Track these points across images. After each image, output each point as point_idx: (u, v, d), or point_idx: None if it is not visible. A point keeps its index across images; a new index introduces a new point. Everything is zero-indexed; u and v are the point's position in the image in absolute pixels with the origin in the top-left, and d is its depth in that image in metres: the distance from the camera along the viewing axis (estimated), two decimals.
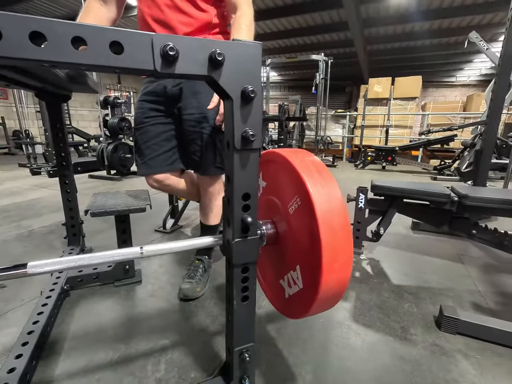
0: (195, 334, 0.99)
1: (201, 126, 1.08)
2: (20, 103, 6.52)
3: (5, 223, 2.08)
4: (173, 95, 1.09)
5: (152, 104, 1.12)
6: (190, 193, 1.33)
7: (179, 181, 1.24)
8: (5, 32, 0.37)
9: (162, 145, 1.16)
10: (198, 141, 1.10)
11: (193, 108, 1.10)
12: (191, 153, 1.14)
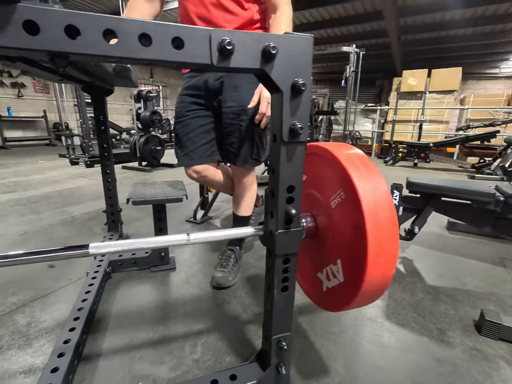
0: (228, 321, 1.03)
1: (239, 119, 1.10)
2: (61, 97, 6.92)
3: (51, 209, 2.25)
4: (214, 88, 1.11)
5: (193, 98, 1.15)
6: (225, 185, 1.36)
7: (216, 173, 1.28)
8: (82, 30, 0.40)
9: (202, 137, 1.20)
10: (236, 133, 1.13)
11: (233, 101, 1.12)
12: (228, 145, 1.17)
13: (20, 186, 2.99)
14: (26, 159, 5.01)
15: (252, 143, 1.15)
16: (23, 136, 7.29)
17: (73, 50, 0.40)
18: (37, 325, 0.98)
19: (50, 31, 0.39)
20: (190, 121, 1.16)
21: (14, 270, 1.31)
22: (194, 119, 1.16)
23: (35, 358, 0.85)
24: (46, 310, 1.06)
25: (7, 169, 4.03)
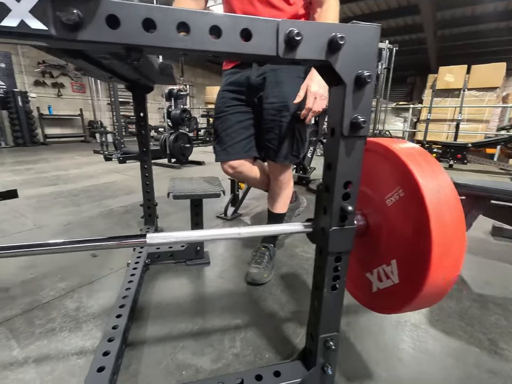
0: (265, 317, 1.03)
1: (280, 115, 1.10)
2: (96, 96, 7.28)
3: (89, 202, 2.37)
4: (256, 84, 1.11)
5: (234, 94, 1.16)
6: (260, 181, 1.36)
7: (251, 169, 1.28)
8: (158, 23, 0.41)
9: (241, 133, 1.20)
10: (276, 129, 1.12)
11: (275, 97, 1.11)
12: (268, 141, 1.16)
13: (61, 179, 3.18)
14: (65, 155, 5.32)
15: (292, 139, 1.14)
16: (61, 133, 7.76)
17: (149, 43, 0.41)
18: (84, 310, 1.04)
19: (130, 24, 0.40)
20: (230, 117, 1.17)
21: (60, 257, 1.39)
22: (233, 114, 1.17)
23: (85, 341, 0.90)
24: (92, 296, 1.12)
25: (49, 163, 4.31)
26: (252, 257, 1.34)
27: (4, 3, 0.35)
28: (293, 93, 1.09)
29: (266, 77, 1.10)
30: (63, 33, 0.38)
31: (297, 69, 1.12)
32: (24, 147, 6.60)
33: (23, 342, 0.89)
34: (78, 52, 0.73)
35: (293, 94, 1.09)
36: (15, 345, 0.88)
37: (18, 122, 6.59)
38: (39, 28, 0.37)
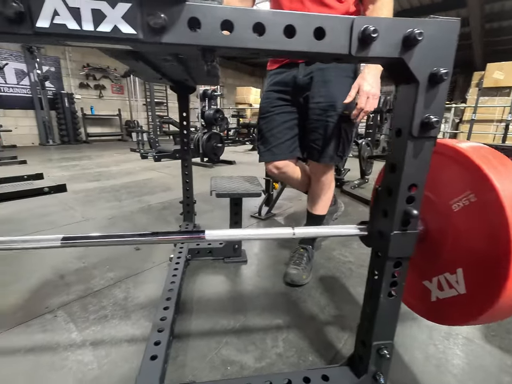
0: (306, 319, 1.01)
1: (327, 115, 1.08)
2: (133, 98, 7.66)
3: (130, 197, 2.49)
4: (302, 84, 1.10)
5: (279, 94, 1.16)
6: (301, 182, 1.35)
7: (295, 169, 1.27)
8: (236, 24, 0.41)
9: (286, 133, 1.20)
10: (321, 129, 1.11)
11: (321, 97, 1.10)
12: (312, 142, 1.15)
13: (103, 176, 3.38)
14: (105, 152, 5.65)
15: (338, 139, 1.11)
16: (101, 132, 8.25)
17: (226, 44, 0.42)
18: (132, 300, 1.09)
19: (209, 26, 0.41)
20: (275, 117, 1.17)
21: (107, 249, 1.47)
22: (279, 115, 1.17)
23: (135, 329, 0.94)
24: (138, 288, 1.17)
25: (91, 160, 4.60)
26: (289, 258, 1.33)
27: (100, 10, 0.38)
28: (340, 92, 1.07)
29: (313, 76, 1.08)
30: (149, 37, 0.40)
31: (346, 68, 1.10)
32: (68, 145, 7.11)
33: (80, 326, 0.95)
34: (139, 55, 0.77)
35: (340, 93, 1.07)
36: (73, 328, 0.94)
37: (64, 122, 7.11)
38: (129, 32, 0.39)
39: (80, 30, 0.38)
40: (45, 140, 6.87)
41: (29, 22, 0.38)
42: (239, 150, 6.49)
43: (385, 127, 5.74)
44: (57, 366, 0.80)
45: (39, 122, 6.80)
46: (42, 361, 0.82)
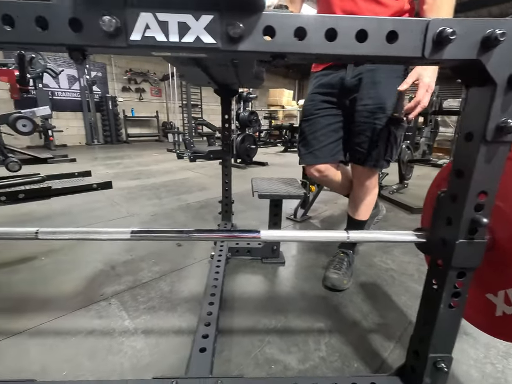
0: (348, 325, 1.00)
1: (374, 117, 1.06)
2: (170, 100, 8.00)
3: (169, 196, 2.61)
4: (350, 86, 1.09)
5: (325, 96, 1.15)
6: (342, 186, 1.33)
7: (336, 173, 1.26)
8: (308, 31, 0.43)
9: (329, 136, 1.19)
10: (368, 132, 1.08)
11: (370, 99, 1.08)
12: (357, 145, 1.13)
13: (143, 174, 3.57)
14: (143, 152, 5.96)
15: (386, 143, 1.08)
16: (140, 133, 8.71)
17: (299, 50, 0.43)
18: (177, 293, 1.15)
19: (283, 34, 0.43)
20: (319, 120, 1.17)
21: (152, 244, 1.55)
22: (324, 117, 1.16)
23: (181, 321, 0.99)
24: (182, 282, 1.23)
25: (132, 159, 4.88)
26: (329, 262, 1.31)
27: (185, 22, 0.41)
28: (390, 94, 1.04)
29: (362, 77, 1.06)
30: (226, 45, 0.43)
31: (397, 69, 1.06)
32: (111, 145, 7.60)
33: (131, 315, 1.02)
34: (199, 61, 0.81)
35: (390, 95, 1.04)
36: (125, 316, 1.01)
37: (108, 123, 7.61)
38: (210, 42, 0.42)
39: (166, 41, 0.42)
40: (90, 139, 7.41)
41: (124, 36, 0.42)
42: (270, 151, 6.52)
43: (426, 130, 5.44)
44: (114, 349, 0.87)
45: (86, 124, 7.35)
46: (101, 344, 0.89)
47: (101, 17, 0.40)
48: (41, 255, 1.43)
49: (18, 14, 0.41)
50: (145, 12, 0.41)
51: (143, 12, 0.41)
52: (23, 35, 0.42)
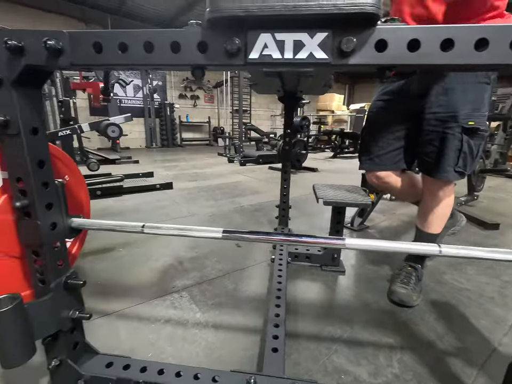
0: (421, 344, 0.94)
1: (444, 126, 1.00)
2: (221, 106, 8.36)
3: (224, 198, 2.72)
4: (418, 93, 1.05)
5: (389, 103, 1.13)
6: (406, 193, 1.29)
7: (397, 180, 1.23)
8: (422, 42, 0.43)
9: (391, 144, 1.17)
10: (437, 141, 1.03)
11: (440, 107, 1.02)
12: (425, 155, 1.08)
13: (199, 176, 3.78)
14: (197, 156, 6.31)
15: (457, 153, 1.01)
16: (193, 137, 9.25)
17: (413, 62, 0.44)
18: (241, 292, 1.20)
19: (395, 46, 0.43)
20: (381, 127, 1.15)
21: (213, 243, 1.64)
22: (386, 124, 1.14)
23: (247, 320, 1.03)
24: (244, 282, 1.28)
25: (187, 162, 5.20)
26: (395, 275, 1.25)
27: (301, 40, 0.44)
28: (464, 101, 0.97)
29: (431, 84, 1.01)
30: (337, 60, 0.45)
31: (478, 74, 0.98)
32: (167, 148, 8.18)
33: (201, 308, 1.09)
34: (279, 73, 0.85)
35: (464, 102, 0.97)
36: (196, 309, 1.09)
37: (165, 128, 8.23)
38: (321, 57, 0.45)
39: (281, 58, 0.45)
40: (149, 143, 8.07)
41: (243, 55, 0.46)
42: (319, 157, 6.41)
43: (499, 136, 4.87)
44: (189, 339, 0.94)
45: (147, 128, 8.03)
46: (178, 332, 0.97)
47: (226, 40, 0.45)
48: (119, 246, 1.61)
49: (156, 40, 0.48)
50: (265, 33, 0.45)
51: (263, 33, 0.45)
52: (159, 58, 0.49)
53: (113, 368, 0.73)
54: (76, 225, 0.70)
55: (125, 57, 0.49)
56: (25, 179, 0.58)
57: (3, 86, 0.52)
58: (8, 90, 0.53)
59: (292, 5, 0.41)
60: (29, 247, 0.63)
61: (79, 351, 0.74)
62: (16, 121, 0.54)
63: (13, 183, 0.59)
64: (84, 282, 0.70)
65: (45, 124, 0.62)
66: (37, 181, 0.59)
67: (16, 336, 0.57)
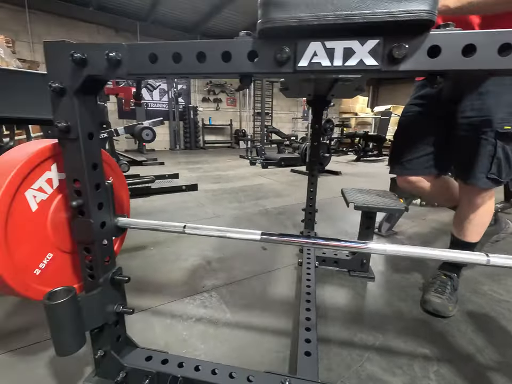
0: (460, 357, 0.90)
1: (478, 131, 0.96)
2: (243, 109, 8.45)
3: (248, 200, 2.75)
4: (451, 97, 1.02)
5: (422, 108, 1.11)
6: (440, 198, 1.25)
7: (429, 185, 1.20)
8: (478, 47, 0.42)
9: (422, 149, 1.15)
10: (469, 147, 1.00)
11: (473, 111, 0.98)
12: (457, 160, 1.05)
13: (222, 178, 3.84)
14: (219, 158, 6.41)
15: (490, 159, 0.97)
16: (215, 139, 9.41)
17: (468, 67, 0.43)
18: (269, 295, 1.21)
19: (449, 52, 0.43)
20: (414, 131, 1.13)
21: (238, 244, 1.66)
22: (418, 129, 1.12)
23: (277, 323, 1.04)
24: (272, 284, 1.28)
25: (210, 164, 5.29)
26: (428, 284, 1.21)
27: (351, 48, 0.45)
28: (500, 104, 0.93)
29: (465, 88, 0.97)
30: (387, 66, 0.45)
31: None
32: (190, 150, 8.38)
33: (231, 309, 1.11)
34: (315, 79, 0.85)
35: (499, 105, 0.93)
36: (226, 309, 1.11)
37: (188, 130, 8.43)
38: (371, 64, 0.45)
39: (330, 66, 0.46)
40: (173, 145, 8.30)
41: (292, 63, 0.48)
42: (342, 160, 6.31)
43: None
44: (220, 338, 0.96)
45: (171, 131, 8.27)
46: (209, 331, 0.99)
47: (275, 49, 0.47)
48: (150, 245, 1.67)
49: (208, 50, 0.50)
50: (315, 41, 0.46)
51: (313, 41, 0.46)
52: (210, 67, 0.51)
53: (152, 362, 0.76)
54: (122, 224, 0.74)
55: (178, 67, 0.52)
56: (81, 180, 0.63)
57: (66, 94, 0.57)
58: (70, 98, 0.57)
59: (345, 14, 0.42)
60: (81, 244, 0.68)
61: (121, 343, 0.78)
62: (76, 127, 0.59)
63: (70, 184, 0.64)
64: (128, 279, 0.74)
65: (98, 129, 0.66)
66: (91, 182, 0.64)
67: (71, 326, 0.61)
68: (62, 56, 0.55)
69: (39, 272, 0.70)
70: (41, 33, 6.54)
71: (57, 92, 0.56)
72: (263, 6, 0.45)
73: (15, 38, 5.56)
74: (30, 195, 0.66)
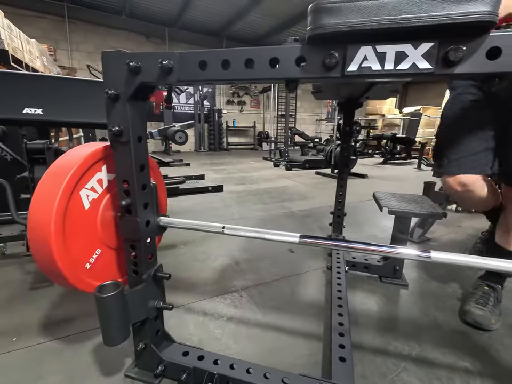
0: (505, 372, 0.85)
1: None
2: (267, 111, 8.48)
3: (272, 202, 2.75)
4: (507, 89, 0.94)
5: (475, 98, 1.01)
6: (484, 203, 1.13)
7: (483, 187, 1.06)
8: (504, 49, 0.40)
9: (479, 144, 1.02)
10: None
11: None
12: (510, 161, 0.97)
13: (246, 180, 3.87)
14: (243, 160, 6.47)
15: None
16: (238, 141, 9.50)
17: None
18: (298, 298, 1.20)
19: (510, 54, 0.41)
20: (467, 125, 1.02)
21: (265, 246, 1.67)
22: (473, 122, 1.01)
23: (307, 326, 1.03)
24: (301, 287, 1.28)
25: (234, 166, 5.36)
26: (468, 294, 1.15)
27: (403, 51, 0.45)
28: None
29: None
30: (441, 69, 0.44)
31: None
32: (214, 152, 8.52)
33: (261, 310, 1.12)
34: None
35: None
36: (256, 309, 1.12)
37: (213, 132, 8.58)
38: (425, 68, 0.44)
39: (381, 70, 0.46)
40: (198, 147, 8.49)
41: (340, 68, 0.48)
42: (367, 163, 6.14)
43: None
44: (252, 338, 0.97)
45: (196, 133, 8.46)
46: (241, 331, 1.01)
47: (324, 54, 0.47)
48: (180, 244, 1.72)
49: (256, 56, 0.52)
50: (365, 46, 0.46)
51: (364, 46, 0.46)
52: (257, 73, 0.52)
53: (189, 357, 0.79)
54: (164, 223, 0.77)
55: (227, 73, 0.54)
56: (130, 181, 0.67)
57: (120, 100, 0.61)
58: (124, 104, 0.61)
59: (400, 18, 0.42)
60: (127, 241, 0.72)
61: (160, 338, 0.81)
62: (127, 131, 0.63)
63: (120, 184, 0.68)
64: (169, 276, 0.77)
65: (146, 133, 0.70)
66: (138, 183, 0.67)
67: (118, 319, 0.65)
68: (118, 65, 0.59)
69: (89, 266, 0.74)
70: (78, 41, 6.96)
71: (112, 98, 0.60)
72: (314, 12, 0.46)
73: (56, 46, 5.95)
74: (84, 194, 0.71)
